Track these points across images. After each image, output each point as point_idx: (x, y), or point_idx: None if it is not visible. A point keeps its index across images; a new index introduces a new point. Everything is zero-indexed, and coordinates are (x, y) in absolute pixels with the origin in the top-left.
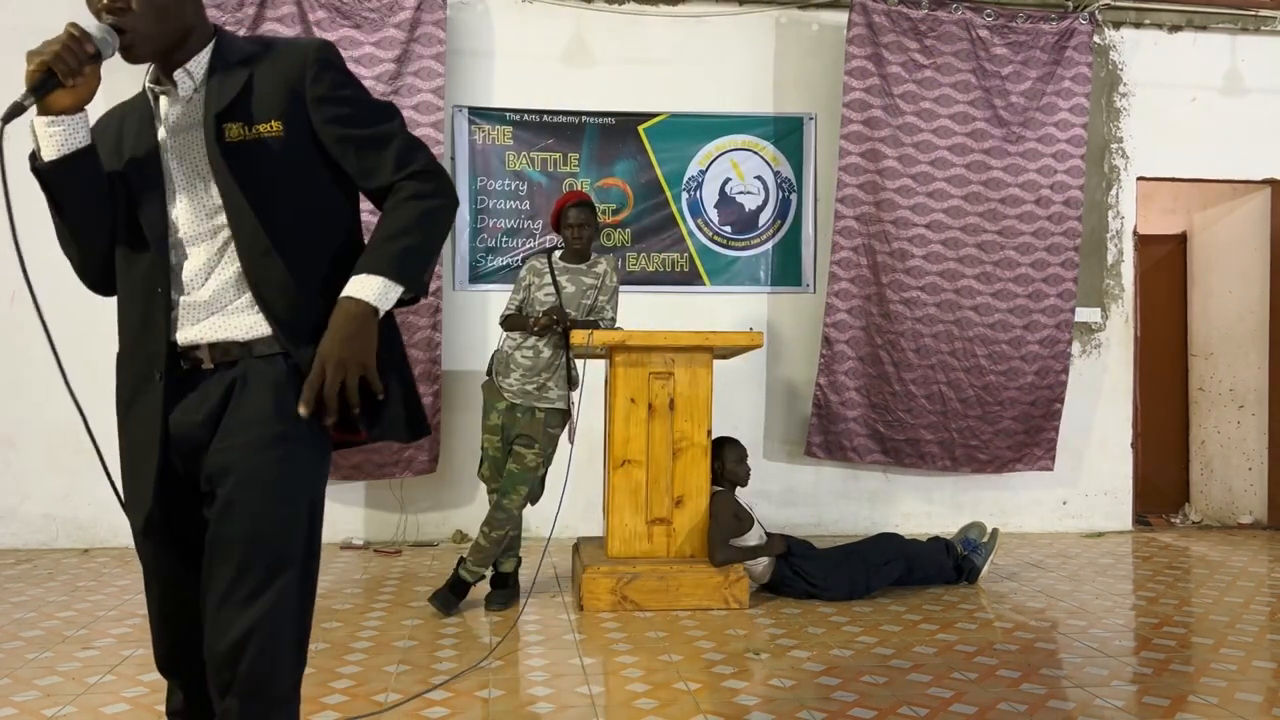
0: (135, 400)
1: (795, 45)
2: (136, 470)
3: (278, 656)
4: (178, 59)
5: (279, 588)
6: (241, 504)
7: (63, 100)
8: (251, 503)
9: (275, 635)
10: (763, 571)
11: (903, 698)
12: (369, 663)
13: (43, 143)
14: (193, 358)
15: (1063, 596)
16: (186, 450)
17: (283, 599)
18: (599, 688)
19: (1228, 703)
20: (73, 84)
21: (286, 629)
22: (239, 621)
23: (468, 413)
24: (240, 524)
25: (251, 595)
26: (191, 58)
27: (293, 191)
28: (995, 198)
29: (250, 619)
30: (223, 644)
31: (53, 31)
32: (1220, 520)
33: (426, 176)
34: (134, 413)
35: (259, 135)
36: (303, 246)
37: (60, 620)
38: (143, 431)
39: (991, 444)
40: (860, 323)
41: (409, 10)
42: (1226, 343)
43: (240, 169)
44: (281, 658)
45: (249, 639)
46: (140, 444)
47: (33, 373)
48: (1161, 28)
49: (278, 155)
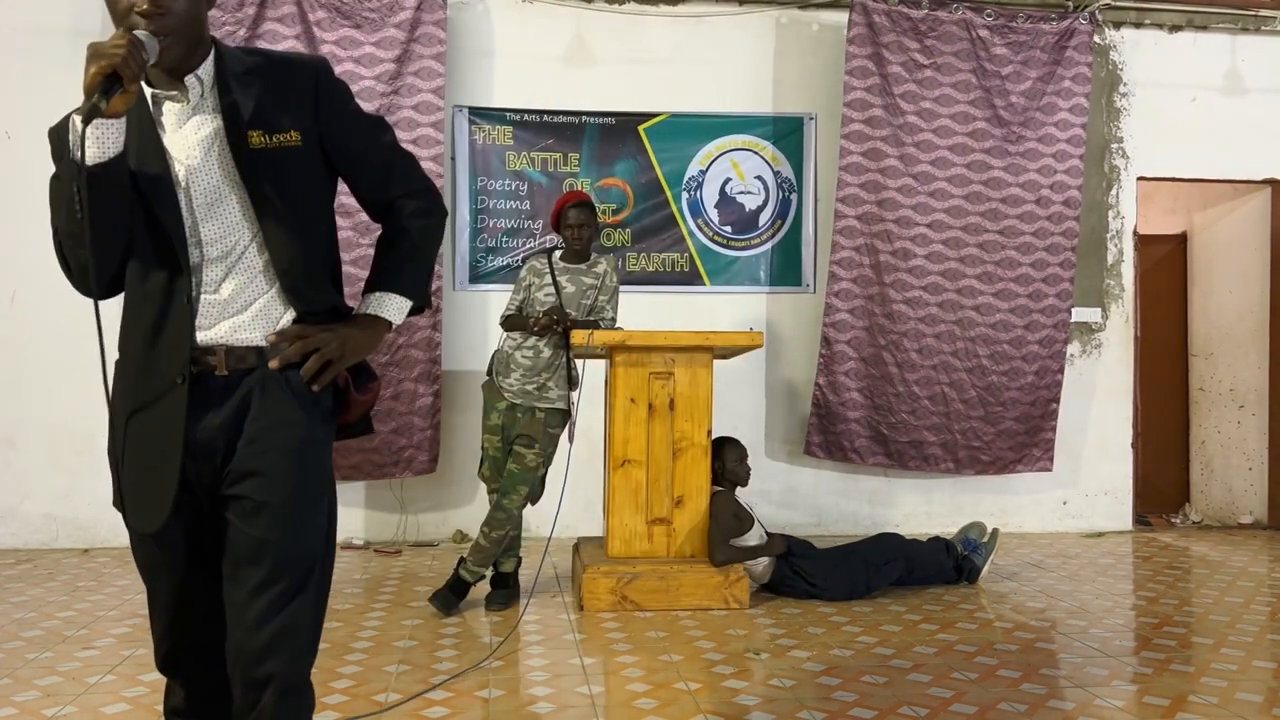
0: (149, 405)
1: (795, 45)
2: (150, 476)
3: (305, 652)
4: (189, 65)
5: (308, 590)
6: (272, 508)
7: (116, 105)
8: (282, 507)
9: (304, 634)
10: (763, 571)
11: (903, 698)
12: (369, 663)
13: (89, 146)
14: (204, 363)
15: (1063, 596)
16: (202, 454)
17: (310, 600)
18: (599, 688)
19: (1228, 703)
20: (132, 88)
21: (313, 627)
22: (272, 623)
23: (468, 413)
24: (272, 528)
25: (283, 598)
26: (200, 64)
27: (306, 199)
28: (996, 197)
29: (283, 621)
30: (254, 643)
31: (52, 31)
32: (1220, 520)
33: (424, 194)
34: (147, 417)
35: (279, 144)
36: (314, 251)
37: (60, 620)
38: (160, 436)
39: (994, 445)
40: (863, 323)
41: (409, 10)
42: (1227, 343)
43: (264, 175)
44: (309, 653)
45: (283, 640)
46: (156, 449)
47: (33, 373)
48: (1162, 28)
49: (295, 164)
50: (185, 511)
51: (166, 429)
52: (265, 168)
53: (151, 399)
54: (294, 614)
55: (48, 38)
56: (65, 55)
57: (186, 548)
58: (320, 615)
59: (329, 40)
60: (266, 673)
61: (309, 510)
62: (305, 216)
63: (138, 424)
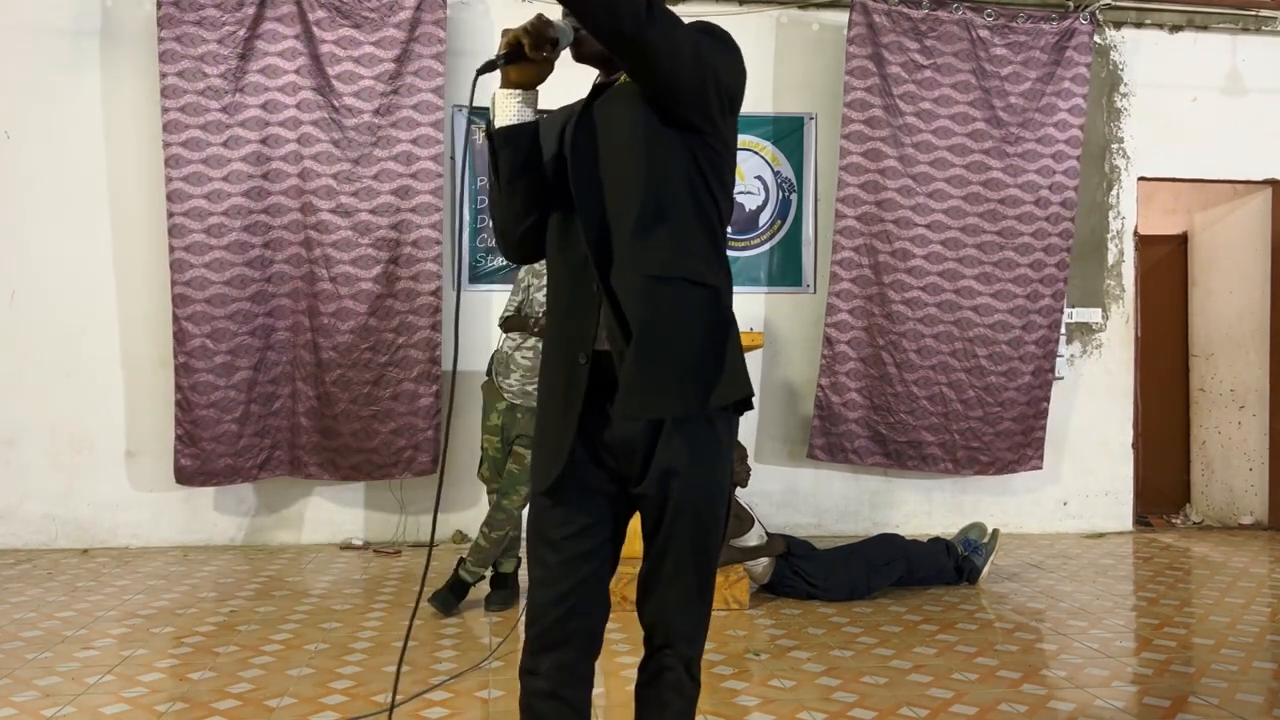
0: (558, 376)
1: (795, 45)
2: (552, 440)
3: (703, 636)
4: (617, 67)
5: (709, 589)
6: (688, 511)
7: (520, 74)
8: (697, 513)
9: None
10: (763, 572)
11: (903, 698)
12: (369, 663)
13: (497, 110)
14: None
15: (1063, 597)
16: (606, 433)
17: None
18: (599, 688)
19: (1228, 703)
20: (534, 57)
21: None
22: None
23: (468, 413)
24: (685, 533)
25: (699, 594)
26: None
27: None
28: (995, 198)
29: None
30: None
31: (52, 31)
32: (1221, 521)
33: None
34: (556, 383)
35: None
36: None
37: (60, 620)
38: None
39: (993, 445)
40: (862, 323)
41: (409, 10)
42: (1227, 343)
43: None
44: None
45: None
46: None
47: (33, 372)
48: (1162, 28)
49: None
50: (582, 474)
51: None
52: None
53: (561, 376)
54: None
55: (48, 38)
56: (65, 55)
57: (582, 502)
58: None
59: (329, 40)
60: (676, 656)
61: (717, 509)
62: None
63: (549, 396)
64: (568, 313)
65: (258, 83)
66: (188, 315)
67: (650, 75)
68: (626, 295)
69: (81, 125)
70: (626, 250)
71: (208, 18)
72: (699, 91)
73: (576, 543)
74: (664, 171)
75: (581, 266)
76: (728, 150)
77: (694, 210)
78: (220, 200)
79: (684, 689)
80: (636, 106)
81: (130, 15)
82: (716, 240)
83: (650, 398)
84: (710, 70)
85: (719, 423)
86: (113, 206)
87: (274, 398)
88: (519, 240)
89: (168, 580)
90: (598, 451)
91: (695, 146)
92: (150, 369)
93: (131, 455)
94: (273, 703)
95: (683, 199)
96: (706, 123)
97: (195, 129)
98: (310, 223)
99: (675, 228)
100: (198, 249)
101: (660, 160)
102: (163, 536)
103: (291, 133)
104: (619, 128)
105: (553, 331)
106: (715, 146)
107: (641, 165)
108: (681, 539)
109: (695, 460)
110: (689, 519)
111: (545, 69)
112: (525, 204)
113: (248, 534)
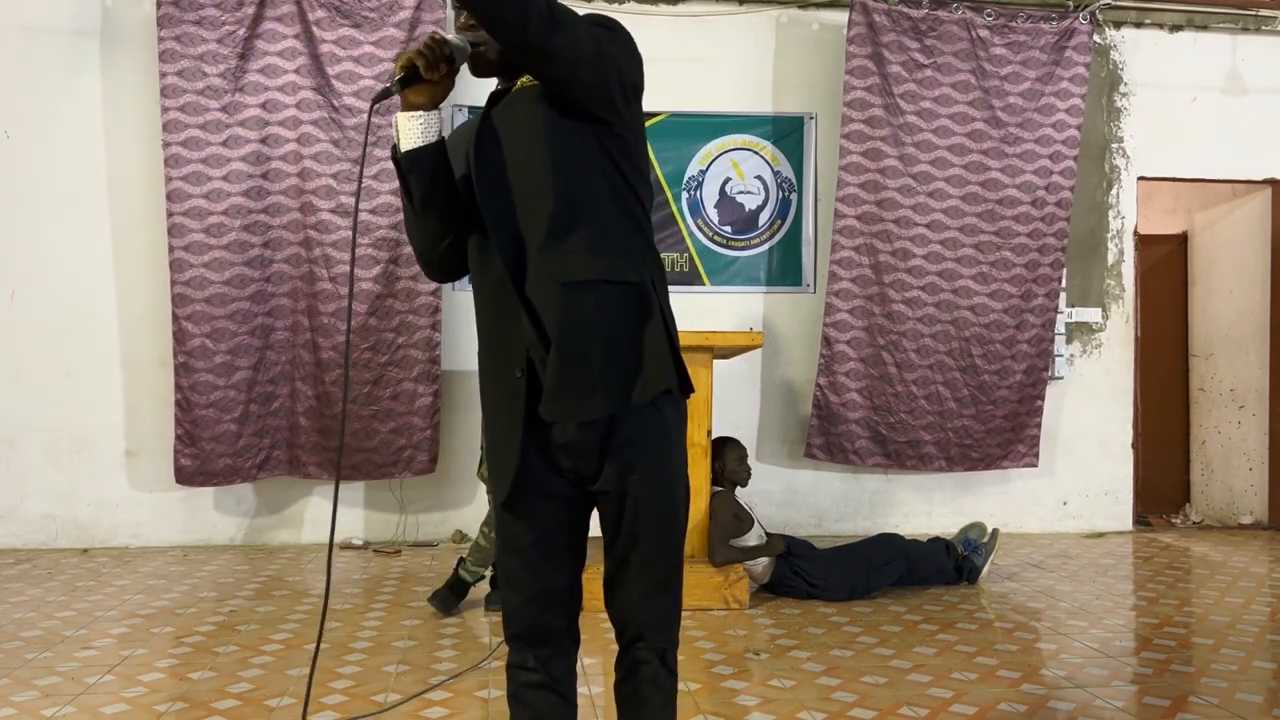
0: (499, 392)
1: (795, 45)
2: (502, 456)
3: (676, 626)
4: (516, 75)
5: (678, 578)
6: (647, 502)
7: (419, 96)
8: (656, 502)
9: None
10: (763, 572)
11: (903, 698)
12: (369, 663)
13: (401, 133)
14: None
15: (1063, 597)
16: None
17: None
18: (599, 688)
19: (1228, 703)
20: (430, 78)
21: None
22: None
23: (468, 413)
24: (647, 524)
25: (667, 583)
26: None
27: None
28: (993, 198)
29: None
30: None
31: (52, 31)
32: (1221, 520)
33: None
34: (499, 399)
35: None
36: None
37: (60, 620)
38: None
39: (984, 442)
40: (862, 323)
41: (409, 10)
42: (1227, 343)
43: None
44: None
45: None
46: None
47: (33, 372)
48: (1162, 27)
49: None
50: (538, 479)
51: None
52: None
53: (499, 385)
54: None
55: (48, 38)
56: (65, 55)
57: (544, 504)
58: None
59: (329, 40)
60: (648, 649)
61: (677, 503)
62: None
63: (494, 404)
64: (497, 326)
65: (257, 82)
66: (187, 315)
67: (557, 77)
68: (544, 305)
69: (81, 125)
70: (540, 260)
71: (207, 17)
72: (603, 86)
73: (540, 549)
74: (575, 167)
75: (501, 280)
76: (636, 138)
77: (613, 201)
78: (220, 200)
79: (661, 682)
80: (535, 106)
81: (130, 15)
82: (641, 229)
83: (571, 402)
84: (612, 63)
85: (666, 408)
86: (112, 206)
87: (273, 397)
88: (440, 260)
89: (168, 580)
90: (553, 456)
91: (603, 137)
92: (150, 369)
93: (131, 455)
94: (273, 703)
95: (599, 191)
96: (613, 114)
97: (195, 128)
98: (310, 222)
99: (593, 226)
100: (197, 248)
101: (570, 156)
102: (162, 536)
103: (291, 132)
104: (523, 130)
105: (485, 346)
106: (624, 135)
107: (550, 165)
108: (644, 529)
109: (648, 450)
110: (649, 509)
111: (444, 88)
112: (441, 224)
113: (247, 534)
